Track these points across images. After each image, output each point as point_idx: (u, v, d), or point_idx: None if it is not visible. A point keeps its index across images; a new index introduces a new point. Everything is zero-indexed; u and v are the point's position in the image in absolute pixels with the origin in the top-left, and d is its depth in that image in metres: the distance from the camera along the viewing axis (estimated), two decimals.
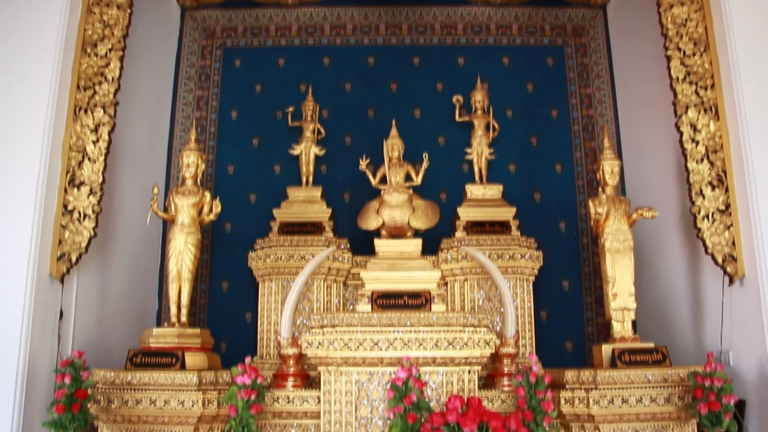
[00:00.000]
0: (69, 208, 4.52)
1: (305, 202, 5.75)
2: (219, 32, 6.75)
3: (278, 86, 6.57)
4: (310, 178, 5.94)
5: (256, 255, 5.46)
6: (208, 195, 4.86)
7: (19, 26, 4.58)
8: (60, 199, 4.50)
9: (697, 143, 4.67)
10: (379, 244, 4.72)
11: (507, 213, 5.58)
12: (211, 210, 4.84)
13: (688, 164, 4.65)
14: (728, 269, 4.49)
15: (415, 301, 4.43)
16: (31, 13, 4.60)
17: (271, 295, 5.41)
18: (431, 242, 5.24)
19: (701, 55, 4.79)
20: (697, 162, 4.65)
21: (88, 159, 4.62)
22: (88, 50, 4.78)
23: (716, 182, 4.60)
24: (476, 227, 5.51)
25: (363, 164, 5.03)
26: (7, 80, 4.50)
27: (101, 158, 4.64)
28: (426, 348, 4.15)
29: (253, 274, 5.54)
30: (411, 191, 4.87)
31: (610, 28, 6.60)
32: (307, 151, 5.96)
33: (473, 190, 5.75)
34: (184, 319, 4.68)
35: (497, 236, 5.38)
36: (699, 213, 4.58)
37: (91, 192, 4.58)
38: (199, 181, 4.92)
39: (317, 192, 5.83)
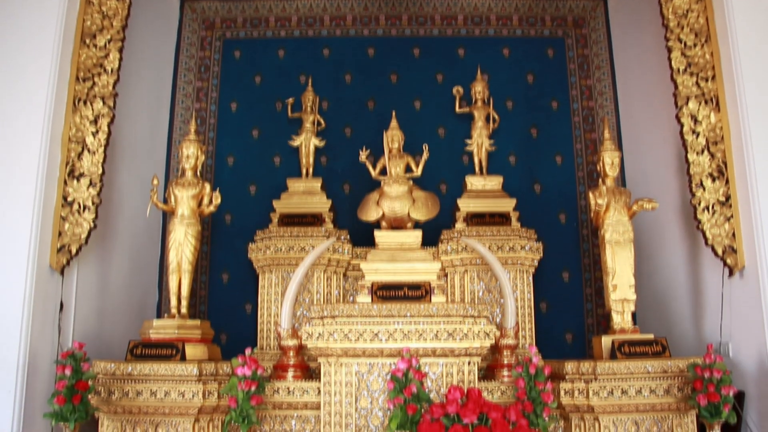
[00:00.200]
0: (69, 199, 4.52)
1: (305, 194, 5.75)
2: (218, 23, 6.73)
3: (278, 77, 6.56)
4: (310, 170, 5.93)
5: (256, 246, 5.45)
6: (208, 186, 4.84)
7: (18, 18, 4.56)
8: (60, 190, 4.49)
9: (698, 135, 4.66)
10: (379, 235, 4.72)
11: (507, 204, 5.58)
12: (211, 201, 4.83)
13: (689, 156, 4.65)
14: (728, 261, 4.49)
15: (415, 292, 4.43)
16: (30, 5, 4.57)
17: (271, 286, 5.40)
18: (431, 233, 5.25)
19: (702, 46, 4.77)
20: (697, 153, 4.65)
21: (88, 150, 4.62)
22: (87, 41, 4.76)
23: (716, 174, 4.59)
24: (476, 218, 5.51)
25: (363, 155, 5.01)
26: (6, 72, 4.48)
27: (101, 150, 4.64)
28: (426, 339, 4.16)
29: (253, 266, 5.54)
30: (411, 182, 4.86)
31: (611, 19, 6.57)
32: (307, 142, 5.94)
33: (473, 182, 5.74)
34: (184, 310, 4.68)
35: (497, 228, 5.38)
36: (699, 204, 4.58)
37: (90, 184, 4.57)
38: (198, 173, 4.90)
39: (317, 183, 5.82)
